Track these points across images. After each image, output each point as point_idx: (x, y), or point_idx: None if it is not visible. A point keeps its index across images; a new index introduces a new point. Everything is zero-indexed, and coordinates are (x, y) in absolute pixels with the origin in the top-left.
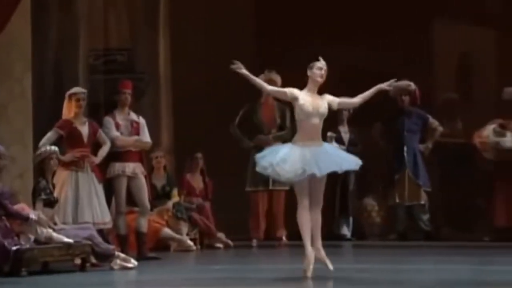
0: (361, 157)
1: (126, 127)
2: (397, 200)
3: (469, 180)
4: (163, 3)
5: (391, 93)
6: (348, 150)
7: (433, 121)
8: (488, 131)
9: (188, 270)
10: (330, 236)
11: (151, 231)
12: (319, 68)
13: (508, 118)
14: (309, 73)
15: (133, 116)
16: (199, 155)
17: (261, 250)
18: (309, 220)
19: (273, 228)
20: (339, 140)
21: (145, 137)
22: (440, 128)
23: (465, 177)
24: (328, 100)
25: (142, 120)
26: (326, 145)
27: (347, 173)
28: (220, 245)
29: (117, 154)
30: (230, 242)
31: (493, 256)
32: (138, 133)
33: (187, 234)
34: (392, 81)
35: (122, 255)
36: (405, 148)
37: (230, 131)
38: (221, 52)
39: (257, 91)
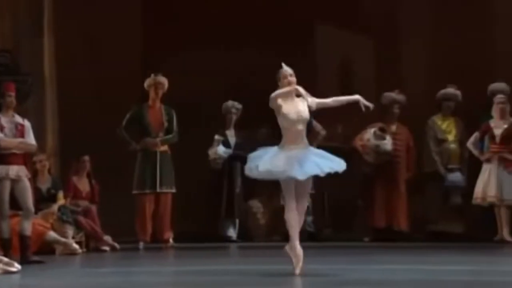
0: (247, 161)
1: (11, 129)
2: (281, 202)
3: (350, 182)
4: (48, 4)
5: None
6: (234, 154)
7: (316, 125)
8: (369, 135)
9: (73, 273)
10: (216, 238)
11: (35, 235)
12: (284, 77)
13: (387, 121)
14: (280, 84)
15: (18, 118)
16: (86, 157)
17: (148, 252)
18: (297, 221)
19: (160, 231)
20: (226, 144)
21: (30, 139)
22: (323, 132)
23: (347, 180)
24: (309, 102)
25: (27, 123)
26: (311, 148)
27: (233, 176)
28: (106, 248)
29: (1, 157)
30: (116, 245)
31: (372, 255)
32: (23, 136)
33: (73, 237)
34: (371, 105)
35: (5, 259)
36: None
37: (117, 133)
38: (107, 54)
39: (146, 93)
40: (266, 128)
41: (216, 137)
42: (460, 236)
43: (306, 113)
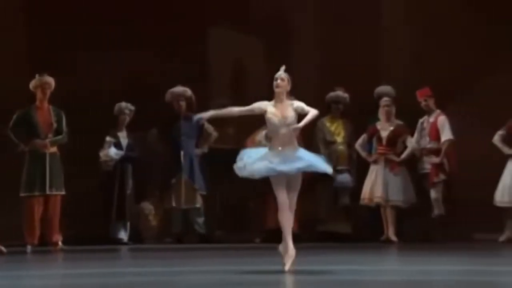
0: (138, 162)
1: None
2: (174, 204)
3: (242, 183)
4: None
5: (167, 98)
6: (126, 156)
7: (208, 126)
8: (260, 136)
9: None
10: (106, 240)
11: None
12: (275, 79)
13: None
14: (274, 83)
15: None
16: None
17: (36, 256)
18: (290, 219)
19: (49, 233)
20: (118, 145)
21: None
22: (215, 133)
23: (239, 181)
24: (295, 108)
25: None
26: (301, 149)
27: (124, 177)
28: None
29: None
30: (3, 248)
31: (262, 256)
32: None
33: None
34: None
35: None
36: (181, 153)
37: (5, 134)
38: None
39: (33, 94)
40: (157, 129)
41: (108, 138)
42: (348, 236)
43: (290, 118)
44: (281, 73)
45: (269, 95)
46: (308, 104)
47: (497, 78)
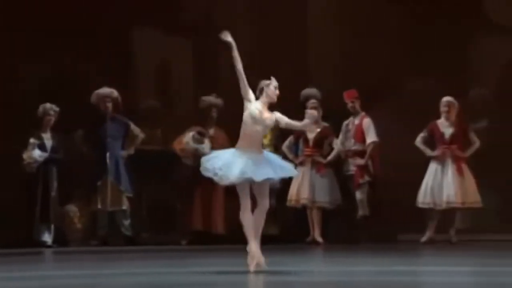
0: (63, 164)
1: None
2: (99, 206)
3: (169, 185)
4: None
5: (93, 100)
6: (51, 157)
7: (135, 128)
8: (188, 138)
9: None
10: (30, 243)
11: None
12: (276, 88)
13: (205, 125)
14: (265, 90)
15: None
16: None
17: None
18: (251, 220)
19: None
20: (42, 147)
21: None
22: (142, 135)
23: (166, 183)
24: (277, 116)
25: None
26: (265, 152)
27: (49, 179)
28: None
29: None
30: None
31: (188, 258)
32: None
33: None
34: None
35: None
36: (107, 154)
37: None
38: None
39: None
40: (83, 131)
41: (31, 140)
42: (274, 238)
43: (269, 120)
44: (274, 83)
45: (196, 96)
46: (234, 105)
47: (420, 80)
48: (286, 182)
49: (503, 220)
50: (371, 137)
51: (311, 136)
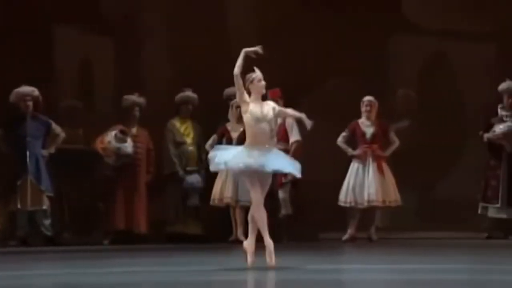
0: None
1: None
2: (19, 206)
3: (91, 184)
4: None
5: (12, 99)
6: None
7: (56, 127)
8: (110, 137)
9: None
10: None
11: None
12: (259, 80)
13: (128, 124)
14: (251, 87)
15: None
16: None
17: None
18: (265, 214)
19: None
20: None
21: None
22: (63, 134)
23: (87, 182)
24: (272, 106)
25: None
26: (274, 149)
27: None
28: None
29: None
30: None
31: (110, 258)
32: None
33: None
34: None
35: None
36: (27, 154)
37: None
38: None
39: None
40: (2, 129)
41: None
42: (197, 237)
43: (270, 115)
44: (259, 73)
45: (118, 95)
46: (160, 103)
47: (341, 80)
48: (210, 181)
49: (421, 219)
50: (294, 136)
51: (235, 135)
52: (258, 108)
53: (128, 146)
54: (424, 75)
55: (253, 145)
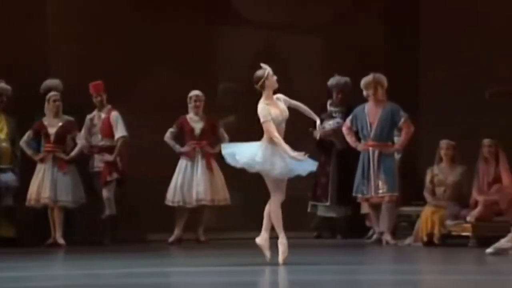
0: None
1: None
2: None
3: None
4: None
5: None
6: None
7: None
8: None
9: None
10: None
11: None
12: (272, 75)
13: None
14: (266, 83)
15: None
16: None
17: None
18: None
19: None
20: None
21: None
22: None
23: None
24: (284, 100)
25: None
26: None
27: None
28: None
29: None
30: None
31: None
32: None
33: None
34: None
35: None
36: None
37: None
38: None
39: None
40: None
41: None
42: (11, 240)
43: (286, 112)
44: (269, 68)
45: None
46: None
47: (167, 75)
48: (25, 180)
49: (249, 218)
50: (120, 131)
51: (52, 130)
52: (277, 110)
53: None
54: (253, 69)
55: (275, 145)
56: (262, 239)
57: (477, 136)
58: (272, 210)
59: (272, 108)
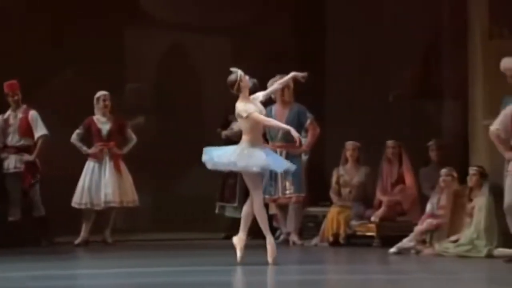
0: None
1: None
2: None
3: None
4: None
5: None
6: None
7: None
8: None
9: None
10: None
11: None
12: (245, 76)
13: None
14: (242, 84)
15: None
16: None
17: None
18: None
19: None
20: None
21: None
22: None
23: None
24: (262, 96)
25: None
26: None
27: None
28: None
29: None
30: None
31: None
32: None
33: None
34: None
35: None
36: None
37: None
38: None
39: None
40: None
41: None
42: None
43: (264, 110)
44: (240, 70)
45: None
46: None
47: (75, 72)
48: None
49: (158, 220)
50: (40, 130)
51: None
52: (256, 108)
53: None
54: (162, 69)
55: (253, 142)
56: (238, 239)
57: (381, 137)
58: (257, 212)
59: (253, 107)
